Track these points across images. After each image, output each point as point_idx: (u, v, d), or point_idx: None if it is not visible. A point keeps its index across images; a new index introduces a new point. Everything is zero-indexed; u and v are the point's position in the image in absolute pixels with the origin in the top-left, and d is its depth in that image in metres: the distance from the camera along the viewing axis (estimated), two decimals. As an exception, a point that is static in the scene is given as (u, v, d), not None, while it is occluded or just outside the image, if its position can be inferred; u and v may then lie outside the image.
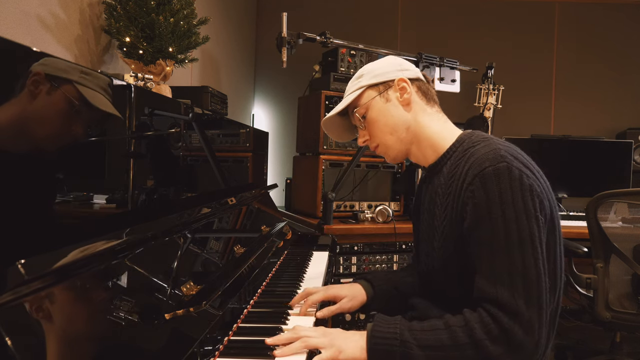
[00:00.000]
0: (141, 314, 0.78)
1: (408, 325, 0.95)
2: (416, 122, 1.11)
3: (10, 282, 0.57)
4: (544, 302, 0.90)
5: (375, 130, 1.13)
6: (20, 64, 0.65)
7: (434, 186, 1.10)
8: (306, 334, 0.94)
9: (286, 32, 2.03)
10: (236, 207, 1.53)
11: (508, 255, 0.90)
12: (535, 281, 0.89)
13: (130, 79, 1.26)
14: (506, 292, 0.89)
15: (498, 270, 0.91)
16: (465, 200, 0.97)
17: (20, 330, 0.57)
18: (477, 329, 0.89)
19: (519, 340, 0.87)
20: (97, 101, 0.78)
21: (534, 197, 0.92)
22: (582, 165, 3.02)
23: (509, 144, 1.02)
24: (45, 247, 0.64)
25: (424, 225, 1.16)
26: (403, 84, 1.10)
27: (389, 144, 1.13)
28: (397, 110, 1.11)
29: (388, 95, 1.11)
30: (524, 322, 0.87)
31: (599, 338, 2.78)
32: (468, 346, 0.89)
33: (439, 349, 0.90)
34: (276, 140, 3.54)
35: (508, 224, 0.91)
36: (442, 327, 0.92)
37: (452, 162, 1.06)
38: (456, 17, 3.56)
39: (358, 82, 1.14)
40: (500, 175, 0.93)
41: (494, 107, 3.11)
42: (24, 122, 0.65)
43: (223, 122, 1.68)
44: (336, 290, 1.21)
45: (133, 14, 1.48)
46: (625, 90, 3.56)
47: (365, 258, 2.23)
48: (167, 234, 1.00)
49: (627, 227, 1.99)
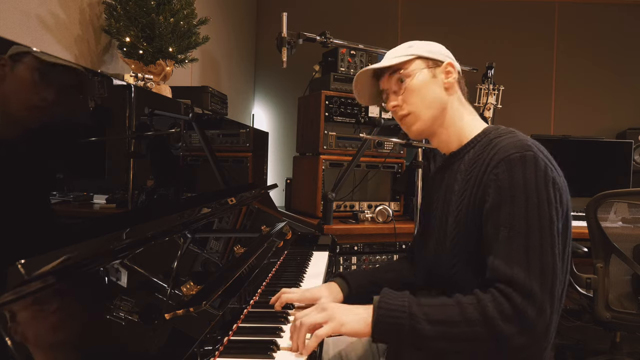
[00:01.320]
0: (141, 314, 0.78)
1: (417, 300, 0.93)
2: (451, 108, 1.13)
3: (10, 282, 0.57)
4: (556, 289, 0.90)
5: (412, 98, 1.11)
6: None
7: (452, 172, 1.11)
8: (303, 318, 0.93)
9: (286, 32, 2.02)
10: (236, 207, 1.53)
11: (527, 238, 0.90)
12: (551, 267, 0.89)
13: (130, 79, 1.26)
14: (522, 273, 0.88)
15: (515, 251, 0.90)
16: (487, 182, 0.97)
17: (20, 330, 0.57)
18: (490, 307, 0.87)
19: (531, 321, 0.86)
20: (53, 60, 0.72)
21: (556, 189, 0.93)
22: (582, 165, 3.02)
23: (535, 140, 1.03)
24: (45, 247, 0.64)
25: (437, 212, 1.15)
26: (450, 68, 1.12)
27: (421, 116, 1.11)
28: (439, 89, 1.12)
29: (435, 72, 1.12)
30: (537, 304, 0.87)
31: (599, 338, 2.78)
32: (479, 322, 0.87)
33: (449, 325, 0.88)
34: (276, 140, 3.54)
35: (530, 208, 0.91)
36: (452, 304, 0.91)
37: (475, 150, 1.07)
38: (456, 17, 3.56)
39: (410, 49, 1.13)
40: (527, 162, 0.93)
41: (494, 107, 3.11)
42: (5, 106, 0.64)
43: (223, 122, 1.68)
44: (312, 293, 1.16)
45: (133, 14, 1.47)
46: (625, 90, 3.56)
47: (365, 258, 2.23)
48: (167, 234, 1.01)
49: (627, 227, 1.99)
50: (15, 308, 0.57)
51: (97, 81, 0.83)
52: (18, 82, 0.65)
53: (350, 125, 2.48)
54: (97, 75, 0.83)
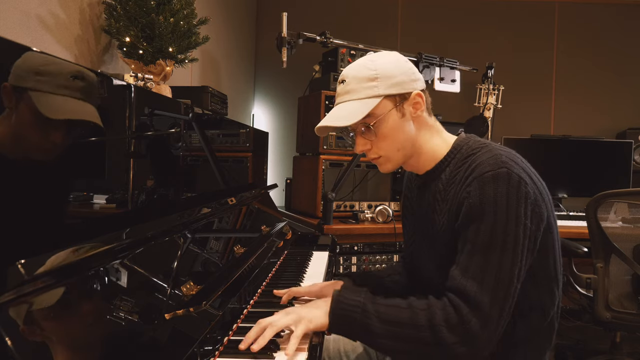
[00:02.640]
0: (141, 314, 0.78)
1: (373, 298, 0.98)
2: (420, 137, 1.08)
3: (10, 282, 0.57)
4: (507, 307, 0.92)
5: (382, 144, 1.06)
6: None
7: (431, 192, 1.09)
8: (269, 321, 0.94)
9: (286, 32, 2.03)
10: (236, 207, 1.53)
11: (488, 255, 0.92)
12: (506, 285, 0.92)
13: (130, 79, 1.26)
14: (475, 286, 0.91)
15: (474, 266, 0.93)
16: (461, 200, 0.98)
17: (20, 330, 0.57)
18: (438, 314, 0.91)
19: (473, 333, 0.89)
20: (56, 107, 0.70)
21: (527, 204, 0.94)
22: (582, 165, 3.02)
23: (508, 148, 1.02)
24: (45, 247, 0.64)
25: (419, 231, 1.16)
26: (418, 99, 1.04)
27: (393, 159, 1.08)
28: (408, 126, 1.05)
29: (403, 109, 1.04)
30: (483, 317, 0.90)
31: (599, 338, 2.78)
32: (425, 328, 0.91)
33: (397, 325, 0.93)
34: (276, 140, 3.54)
35: (495, 226, 0.92)
36: (404, 306, 0.95)
37: (450, 169, 1.05)
38: (456, 17, 3.56)
39: (373, 87, 1.01)
40: (499, 180, 0.94)
41: (494, 107, 3.12)
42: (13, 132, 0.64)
43: (223, 122, 1.68)
44: (318, 288, 1.21)
45: (133, 14, 1.47)
46: (625, 90, 3.56)
47: (365, 258, 2.23)
48: (167, 234, 1.01)
49: (627, 227, 1.99)
50: (15, 308, 0.57)
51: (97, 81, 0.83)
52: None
53: (350, 125, 2.47)
54: (97, 75, 0.83)
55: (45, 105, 0.67)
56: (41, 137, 0.69)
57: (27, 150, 0.68)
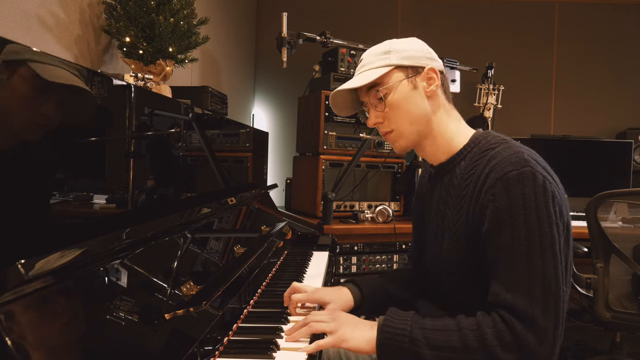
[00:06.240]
0: (141, 314, 0.78)
1: (420, 322, 0.94)
2: (435, 117, 1.06)
3: (10, 282, 0.57)
4: (561, 310, 0.88)
5: (394, 115, 1.04)
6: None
7: (444, 186, 1.07)
8: (314, 319, 0.95)
9: (286, 32, 2.03)
10: (236, 207, 1.53)
11: (528, 261, 0.88)
12: (554, 289, 0.87)
13: (130, 79, 1.25)
14: (523, 300, 0.87)
15: (517, 276, 0.88)
16: (484, 203, 0.94)
17: (20, 330, 0.57)
18: (489, 334, 0.87)
19: (531, 350, 0.85)
20: (56, 75, 0.72)
21: (555, 204, 0.91)
22: (582, 165, 3.02)
23: (528, 147, 0.99)
24: (45, 247, 0.64)
25: (430, 225, 1.13)
26: (432, 74, 1.04)
27: (405, 133, 1.05)
28: (422, 100, 1.04)
29: (416, 82, 1.03)
30: (539, 331, 0.86)
31: (599, 338, 2.78)
32: (478, 351, 0.87)
33: (449, 350, 0.89)
34: (276, 140, 3.54)
35: (530, 230, 0.88)
36: (454, 329, 0.91)
37: (466, 162, 1.02)
38: (456, 17, 3.56)
39: (385, 58, 1.04)
40: (525, 180, 0.90)
41: (494, 107, 3.11)
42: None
43: (223, 122, 1.68)
44: (321, 295, 1.14)
45: (133, 14, 1.47)
46: (625, 90, 3.56)
47: (365, 258, 2.23)
48: (167, 234, 1.00)
49: (627, 227, 1.99)
50: (15, 308, 0.57)
51: (97, 81, 0.83)
52: (17, 83, 0.65)
53: (350, 125, 2.48)
54: (97, 75, 0.83)
55: (34, 70, 0.67)
56: (34, 112, 0.69)
57: (22, 127, 0.67)
